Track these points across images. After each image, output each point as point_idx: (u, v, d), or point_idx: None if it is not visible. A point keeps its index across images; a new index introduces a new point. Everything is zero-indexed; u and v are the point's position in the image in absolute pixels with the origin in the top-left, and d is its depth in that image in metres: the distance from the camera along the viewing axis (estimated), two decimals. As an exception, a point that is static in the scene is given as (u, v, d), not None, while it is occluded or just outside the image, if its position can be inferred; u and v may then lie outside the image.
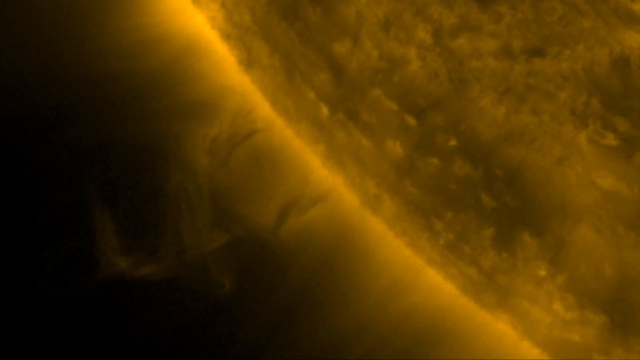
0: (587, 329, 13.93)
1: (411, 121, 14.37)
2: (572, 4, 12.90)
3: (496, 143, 13.76)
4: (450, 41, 13.81)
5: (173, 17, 16.55)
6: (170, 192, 15.78)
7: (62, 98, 16.16)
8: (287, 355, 15.11)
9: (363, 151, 14.90)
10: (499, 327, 14.84)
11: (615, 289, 13.56)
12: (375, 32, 14.39)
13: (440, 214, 14.49)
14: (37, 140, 15.94)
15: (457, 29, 13.74)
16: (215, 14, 16.30)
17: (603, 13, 12.69)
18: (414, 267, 15.24)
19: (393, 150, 14.60)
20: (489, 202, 13.99)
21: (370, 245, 15.44)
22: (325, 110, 15.14)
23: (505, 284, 14.39)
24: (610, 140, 13.16)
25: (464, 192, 14.18)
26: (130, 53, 16.26)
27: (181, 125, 16.04)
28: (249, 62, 16.07)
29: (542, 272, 13.97)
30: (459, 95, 13.97)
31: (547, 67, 13.23)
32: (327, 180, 15.65)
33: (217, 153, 15.91)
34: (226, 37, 16.29)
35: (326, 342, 15.13)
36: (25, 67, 16.21)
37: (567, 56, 13.10)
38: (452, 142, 14.09)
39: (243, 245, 15.65)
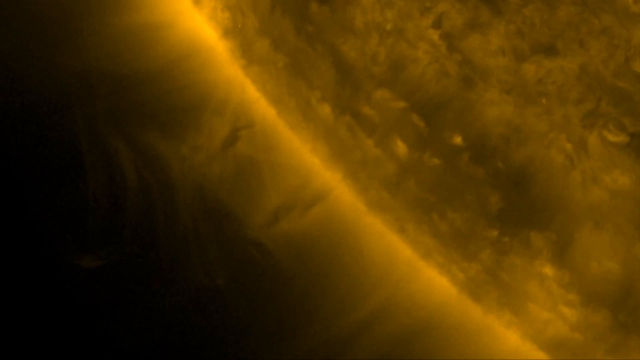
0: (591, 328, 13.97)
1: (418, 120, 14.35)
2: (585, 2, 12.69)
3: (504, 142, 13.80)
4: (459, 40, 13.78)
5: (171, 15, 16.45)
6: (164, 190, 15.71)
7: (56, 94, 15.98)
8: (283, 355, 15.01)
9: (367, 150, 14.84)
10: (500, 326, 14.81)
11: (621, 289, 13.64)
12: (383, 31, 14.28)
13: (444, 213, 14.42)
14: (29, 135, 15.83)
15: (466, 27, 13.71)
16: (216, 12, 16.20)
17: (616, 12, 12.47)
18: (415, 266, 15.15)
19: (398, 150, 14.55)
20: (495, 200, 13.96)
21: (370, 244, 15.39)
22: (328, 110, 15.09)
23: (509, 283, 14.41)
24: (620, 139, 13.04)
25: (470, 191, 14.15)
26: (126, 50, 16.18)
27: (176, 123, 15.96)
28: (249, 61, 16.02)
29: (547, 271, 13.98)
30: (467, 94, 13.97)
31: (557, 66, 13.27)
32: (327, 180, 15.56)
33: (213, 151, 15.82)
34: (227, 35, 16.25)
35: (324, 341, 15.08)
36: (19, 62, 16.09)
37: (578, 55, 13.06)
38: (459, 141, 14.07)
39: (237, 244, 15.58)
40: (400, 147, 14.47)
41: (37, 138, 15.91)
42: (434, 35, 13.87)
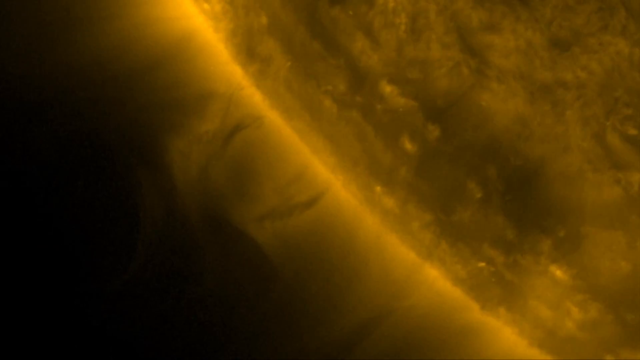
0: (597, 328, 14.05)
1: (429, 120, 14.27)
2: (602, 1, 12.81)
3: (517, 140, 13.71)
4: (473, 38, 13.75)
5: (172, 11, 16.31)
6: (161, 189, 15.57)
7: (53, 92, 15.77)
8: (281, 356, 14.91)
9: (374, 149, 14.77)
10: (504, 325, 14.83)
11: (630, 289, 13.53)
12: (397, 31, 14.26)
13: (452, 211, 14.36)
14: (27, 133, 15.63)
15: (480, 25, 13.68)
16: (219, 9, 16.09)
17: (633, 9, 12.60)
18: (416, 265, 15.12)
19: (407, 149, 14.49)
20: (506, 199, 13.95)
21: (371, 244, 15.32)
22: (336, 108, 15.00)
23: (515, 281, 14.47)
24: (638, 137, 13.06)
25: (480, 189, 14.08)
26: (127, 47, 16.00)
27: (174, 120, 15.83)
28: (251, 59, 15.91)
29: (556, 270, 13.94)
30: (481, 92, 13.92)
31: (572, 64, 13.24)
32: (329, 178, 15.51)
33: (211, 149, 15.70)
34: (228, 33, 16.10)
35: (323, 342, 15.01)
36: (18, 60, 15.89)
37: (595, 54, 13.09)
38: (471, 140, 13.99)
39: (235, 244, 15.46)
40: (410, 147, 14.46)
41: (30, 134, 15.68)
42: (449, 34, 13.91)
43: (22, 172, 15.39)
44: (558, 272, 13.97)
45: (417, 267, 15.22)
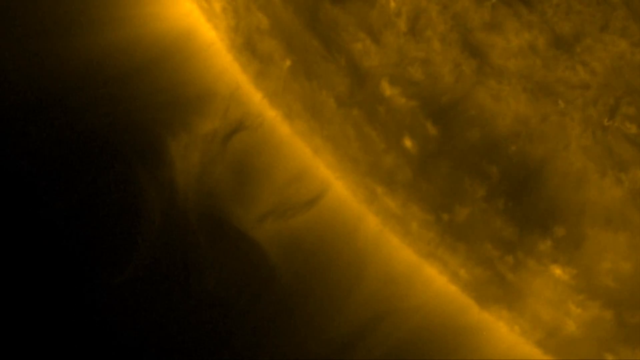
0: (597, 328, 14.08)
1: (430, 119, 14.26)
2: (604, 2, 12.80)
3: (519, 140, 13.72)
4: (474, 38, 13.72)
5: (170, 11, 16.29)
6: (158, 186, 15.56)
7: (53, 92, 15.78)
8: (281, 356, 14.90)
9: (375, 149, 14.75)
10: (504, 326, 14.88)
11: (630, 289, 13.54)
12: (397, 30, 14.24)
13: (450, 211, 14.35)
14: (27, 133, 15.62)
15: (481, 25, 13.65)
16: (220, 10, 16.06)
17: (634, 9, 12.60)
18: (416, 266, 15.13)
19: (408, 149, 14.47)
20: (507, 198, 13.96)
21: (370, 244, 15.32)
22: (337, 108, 15.00)
23: (515, 281, 14.44)
24: (638, 136, 13.05)
25: (479, 189, 14.06)
26: (124, 47, 15.97)
27: (174, 120, 15.81)
28: (251, 59, 15.88)
29: (555, 271, 13.92)
30: (480, 93, 13.91)
31: (574, 63, 13.22)
32: (327, 178, 15.49)
33: (211, 149, 15.68)
34: (229, 33, 16.08)
35: (323, 342, 15.00)
36: (18, 60, 15.88)
37: (595, 53, 13.03)
38: (472, 140, 13.98)
39: (231, 243, 15.46)
40: (411, 146, 14.46)
41: (33, 131, 15.67)
42: (450, 34, 13.91)
43: (23, 172, 15.35)
44: (558, 272, 13.97)
45: (417, 267, 15.22)
